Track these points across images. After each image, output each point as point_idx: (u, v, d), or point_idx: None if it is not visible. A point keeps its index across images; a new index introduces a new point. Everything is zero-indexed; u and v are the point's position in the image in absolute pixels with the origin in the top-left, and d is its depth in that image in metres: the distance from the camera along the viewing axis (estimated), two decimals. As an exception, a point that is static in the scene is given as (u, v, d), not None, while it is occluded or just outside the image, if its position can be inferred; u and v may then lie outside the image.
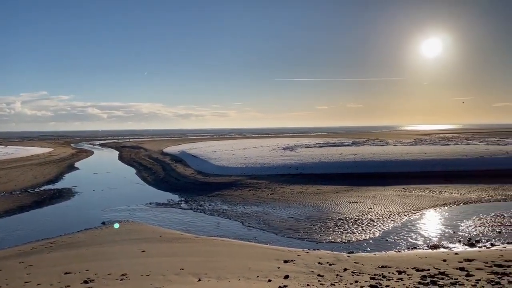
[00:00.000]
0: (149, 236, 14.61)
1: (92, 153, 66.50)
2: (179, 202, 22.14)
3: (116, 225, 16.57)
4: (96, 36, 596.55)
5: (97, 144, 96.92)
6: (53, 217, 19.50)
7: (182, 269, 9.88)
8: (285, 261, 10.86)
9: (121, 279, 9.11)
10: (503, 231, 14.73)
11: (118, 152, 65.55)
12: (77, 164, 46.04)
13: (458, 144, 46.80)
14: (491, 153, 35.01)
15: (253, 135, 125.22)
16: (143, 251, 12.17)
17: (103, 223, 17.37)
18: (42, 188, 27.38)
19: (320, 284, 8.85)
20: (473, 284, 8.43)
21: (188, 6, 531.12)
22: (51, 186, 28.49)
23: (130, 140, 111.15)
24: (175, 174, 32.68)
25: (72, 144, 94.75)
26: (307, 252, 12.15)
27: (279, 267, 10.24)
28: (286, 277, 9.34)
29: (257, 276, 9.37)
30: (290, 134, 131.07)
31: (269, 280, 9.03)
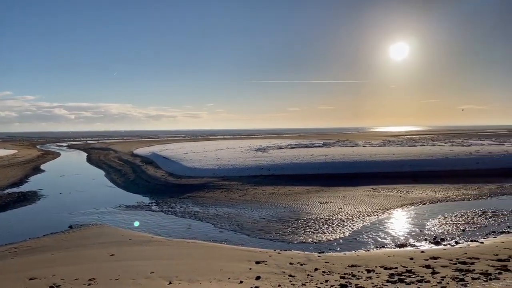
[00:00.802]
0: (118, 240, 14.31)
1: (59, 155, 64.56)
2: (150, 204, 21.81)
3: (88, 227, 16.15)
4: (64, 35, 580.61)
5: (65, 146, 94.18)
6: (17, 222, 18.80)
7: (153, 272, 9.74)
8: (257, 262, 10.89)
9: (89, 284, 8.89)
10: (467, 229, 15.31)
11: (86, 154, 63.92)
12: (43, 167, 44.54)
13: (424, 145, 48.27)
14: (455, 154, 36.30)
15: (226, 137, 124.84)
16: (112, 254, 11.91)
17: (70, 226, 16.87)
18: (5, 192, 26.32)
19: (291, 284, 8.92)
20: (438, 281, 8.72)
21: (160, 5, 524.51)
22: (15, 189, 27.43)
23: (99, 141, 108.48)
24: (146, 176, 32.18)
25: (38, 146, 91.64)
26: (279, 253, 12.23)
27: (250, 268, 10.26)
28: (258, 278, 9.37)
29: (229, 278, 9.36)
30: (262, 136, 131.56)
31: (241, 282, 9.03)
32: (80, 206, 21.51)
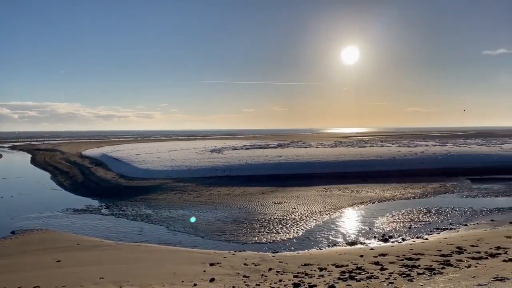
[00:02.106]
0: (65, 245, 13.66)
1: (0, 156, 60.67)
2: (99, 207, 21.02)
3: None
4: (7, 31, 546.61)
5: (6, 147, 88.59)
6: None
7: (102, 278, 9.38)
8: (211, 264, 10.79)
9: (33, 293, 8.40)
10: (413, 226, 16.07)
11: (30, 156, 60.50)
12: (-19, 169, 41.65)
13: (373, 146, 50.13)
14: (402, 154, 38.00)
15: (180, 137, 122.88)
16: (59, 260, 11.35)
17: (13, 232, 15.88)
18: None
19: (246, 285, 8.92)
20: (386, 277, 9.05)
21: (111, 2, 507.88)
22: (-51, 194, 25.44)
23: (45, 142, 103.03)
24: (95, 178, 30.98)
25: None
26: (233, 254, 12.20)
27: (205, 271, 10.15)
28: (212, 280, 9.29)
29: (182, 281, 9.20)
30: (218, 136, 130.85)
31: (195, 284, 8.91)
32: (23, 210, 20.30)
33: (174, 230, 16.16)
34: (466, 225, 16.11)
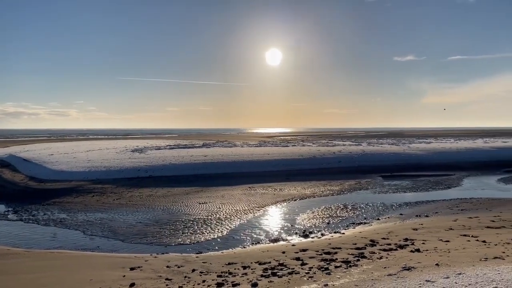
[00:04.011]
0: (-37, 256, 12.22)
1: None
2: (6, 212, 19.17)
3: None
4: None
5: None
6: None
7: (7, 290, 8.55)
8: (131, 269, 10.37)
9: None
10: (331, 221, 16.90)
11: None
12: None
13: (295, 145, 51.92)
14: (321, 153, 39.84)
15: (99, 137, 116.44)
16: (-46, 274, 10.12)
17: None
18: None
19: (168, 287, 8.71)
20: (306, 271, 9.40)
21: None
22: None
23: None
24: (1, 181, 28.21)
25: None
26: (155, 257, 11.84)
27: (124, 276, 9.72)
28: (132, 285, 8.93)
29: (100, 288, 8.72)
30: (140, 136, 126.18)
31: (113, 291, 8.49)
32: None
33: (92, 234, 15.27)
34: (378, 219, 17.32)
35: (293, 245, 12.87)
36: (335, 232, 14.96)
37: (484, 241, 11.55)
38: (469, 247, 10.82)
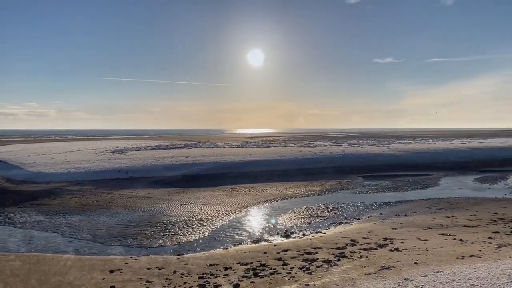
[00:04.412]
0: None
1: None
2: (-20, 216, 18.62)
3: None
4: None
5: None
6: None
7: (-19, 295, 8.31)
8: (111, 271, 10.21)
9: None
10: (312, 222, 17.01)
11: None
12: None
13: (277, 146, 52.10)
14: (303, 154, 40.10)
15: (78, 138, 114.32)
16: None
17: None
18: None
19: (149, 290, 8.61)
20: (288, 271, 9.44)
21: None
22: None
23: None
24: (-25, 183, 27.39)
25: None
26: (136, 259, 11.70)
27: (104, 278, 9.57)
28: (112, 287, 8.80)
29: (78, 292, 8.56)
30: (120, 137, 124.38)
31: (92, 294, 8.35)
32: None
33: (70, 237, 14.97)
34: (359, 219, 17.52)
35: (274, 245, 12.89)
36: (316, 232, 15.06)
37: (461, 240, 11.82)
38: (446, 245, 11.05)
